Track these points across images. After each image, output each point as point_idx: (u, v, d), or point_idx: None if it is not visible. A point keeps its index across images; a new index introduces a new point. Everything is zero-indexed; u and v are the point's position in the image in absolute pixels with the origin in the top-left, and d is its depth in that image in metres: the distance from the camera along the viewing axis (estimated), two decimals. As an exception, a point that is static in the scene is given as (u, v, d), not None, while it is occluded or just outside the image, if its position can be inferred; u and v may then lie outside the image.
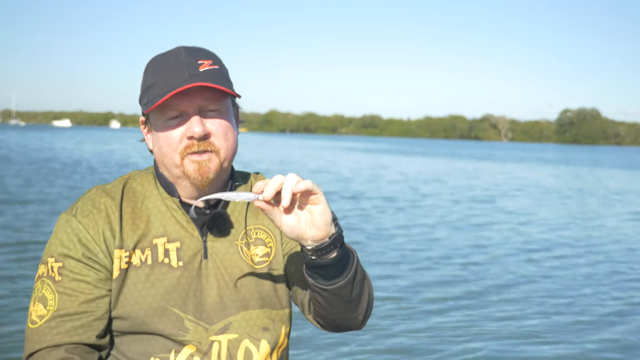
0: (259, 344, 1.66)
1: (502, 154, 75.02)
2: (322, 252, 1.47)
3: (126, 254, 1.61)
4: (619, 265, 10.01)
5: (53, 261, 1.61)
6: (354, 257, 1.56)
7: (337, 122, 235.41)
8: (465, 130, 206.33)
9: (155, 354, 1.59)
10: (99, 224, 1.61)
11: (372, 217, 14.62)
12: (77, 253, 1.59)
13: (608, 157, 76.41)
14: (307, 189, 1.41)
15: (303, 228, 1.45)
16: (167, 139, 1.61)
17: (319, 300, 1.59)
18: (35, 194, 15.86)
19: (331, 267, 1.50)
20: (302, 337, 5.77)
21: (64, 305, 1.57)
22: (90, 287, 1.59)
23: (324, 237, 1.46)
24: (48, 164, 26.84)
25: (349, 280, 1.53)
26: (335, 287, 1.53)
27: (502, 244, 11.62)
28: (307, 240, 1.46)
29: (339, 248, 1.49)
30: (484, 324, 6.66)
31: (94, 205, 1.64)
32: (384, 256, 10.04)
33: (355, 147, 78.08)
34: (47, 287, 1.59)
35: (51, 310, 1.57)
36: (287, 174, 1.41)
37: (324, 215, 1.44)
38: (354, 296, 1.58)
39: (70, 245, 1.60)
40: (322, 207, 1.44)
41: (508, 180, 29.59)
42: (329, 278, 1.52)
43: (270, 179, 1.43)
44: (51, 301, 1.58)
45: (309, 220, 1.45)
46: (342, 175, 28.04)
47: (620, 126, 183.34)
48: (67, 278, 1.58)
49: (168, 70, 1.59)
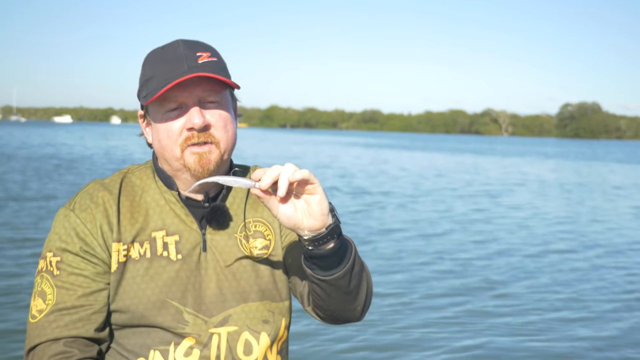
0: (258, 336, 1.66)
1: (502, 148, 75.00)
2: (319, 243, 1.47)
3: (124, 247, 1.62)
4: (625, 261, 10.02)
5: (51, 255, 1.61)
6: (351, 249, 1.56)
7: (338, 117, 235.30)
8: (465, 125, 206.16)
9: (154, 346, 1.60)
10: (97, 217, 1.61)
11: (373, 211, 14.63)
12: (75, 247, 1.60)
13: (610, 151, 76.34)
14: (304, 179, 1.41)
15: (300, 217, 1.45)
16: (167, 131, 1.61)
17: (317, 291, 1.59)
18: (35, 191, 15.88)
19: (328, 258, 1.50)
20: (301, 331, 5.78)
21: (62, 299, 1.57)
22: (88, 281, 1.59)
23: (321, 227, 1.46)
24: (51, 161, 26.86)
25: (347, 271, 1.54)
26: (333, 278, 1.53)
27: (504, 239, 11.62)
28: (304, 230, 1.46)
29: (336, 239, 1.49)
30: (484, 319, 6.67)
31: (91, 200, 1.64)
32: (385, 251, 10.06)
33: (356, 142, 78.06)
34: (46, 281, 1.60)
35: (50, 304, 1.58)
36: (285, 164, 1.42)
37: (321, 205, 1.44)
38: (352, 287, 1.59)
39: (68, 239, 1.61)
40: (319, 197, 1.44)
41: (509, 174, 29.59)
42: (327, 269, 1.52)
43: (268, 168, 1.43)
44: (50, 295, 1.58)
45: (305, 210, 1.45)
46: (344, 170, 28.05)
47: (621, 120, 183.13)
48: (65, 272, 1.59)
49: (167, 63, 1.59)
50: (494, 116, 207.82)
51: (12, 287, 7.03)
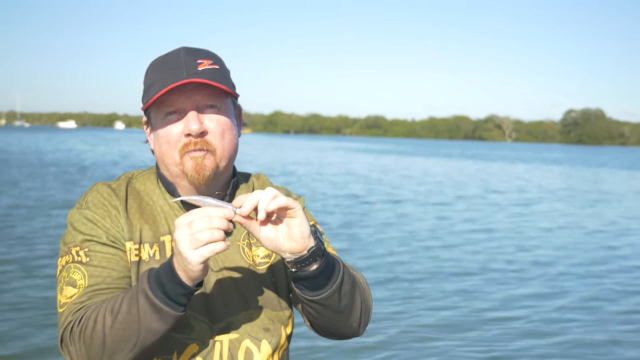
0: (259, 344, 1.66)
1: (505, 154, 74.85)
2: (301, 265, 1.48)
3: (136, 247, 1.62)
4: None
5: (77, 249, 1.60)
6: (339, 268, 1.55)
7: (341, 122, 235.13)
8: (469, 131, 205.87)
9: (158, 354, 1.59)
10: (112, 213, 1.62)
11: (377, 216, 14.62)
12: (102, 237, 1.60)
13: (614, 158, 76.10)
14: (282, 207, 1.42)
15: (281, 240, 1.46)
16: (166, 136, 1.61)
17: (309, 310, 1.60)
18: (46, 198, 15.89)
19: (314, 279, 1.51)
20: (302, 338, 5.77)
21: (95, 281, 1.56)
22: (120, 266, 1.59)
23: (302, 250, 1.47)
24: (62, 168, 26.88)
25: (334, 290, 1.53)
26: (321, 298, 1.53)
27: (510, 246, 11.60)
28: (286, 253, 1.47)
29: (319, 260, 1.49)
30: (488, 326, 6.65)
31: (103, 197, 1.65)
32: (385, 259, 10.05)
33: (360, 148, 78.02)
34: (74, 270, 1.57)
35: (82, 287, 1.55)
36: (265, 189, 1.42)
37: (301, 228, 1.45)
38: (342, 306, 1.58)
39: (92, 232, 1.60)
40: (299, 220, 1.45)
41: (513, 180, 29.55)
42: (314, 289, 1.52)
43: (250, 194, 1.43)
44: (80, 281, 1.56)
45: (286, 233, 1.46)
46: (353, 175, 28.04)
47: (625, 126, 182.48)
48: (95, 259, 1.58)
49: (167, 69, 1.60)
50: (497, 122, 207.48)
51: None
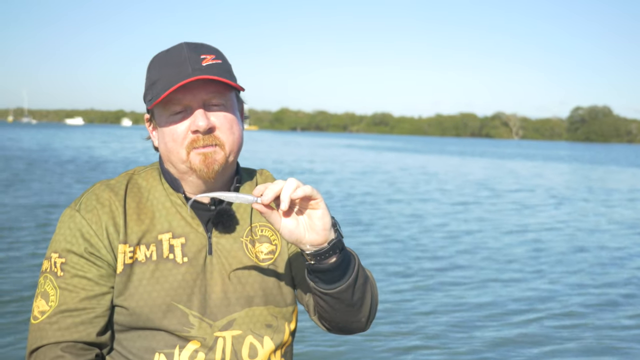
0: (262, 340, 1.66)
1: (511, 151, 74.60)
2: (321, 257, 1.48)
3: (130, 249, 1.61)
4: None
5: (57, 257, 1.61)
6: (354, 262, 1.56)
7: (348, 120, 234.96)
8: (476, 128, 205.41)
9: (159, 349, 1.59)
10: (103, 219, 1.61)
11: (386, 215, 14.60)
12: (80, 248, 1.59)
13: (625, 155, 75.73)
14: (306, 195, 1.41)
15: (302, 232, 1.46)
16: (172, 134, 1.60)
17: (321, 303, 1.60)
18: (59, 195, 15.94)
19: (331, 272, 1.50)
20: (306, 335, 5.77)
21: (65, 301, 1.57)
22: (92, 284, 1.59)
23: (323, 242, 1.46)
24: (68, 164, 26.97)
25: (350, 284, 1.54)
26: (336, 291, 1.53)
27: (521, 247, 11.57)
28: (306, 245, 1.47)
29: (338, 253, 1.49)
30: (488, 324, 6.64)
31: (97, 200, 1.63)
32: (387, 258, 10.03)
33: (367, 145, 77.91)
34: (49, 282, 1.59)
35: (53, 305, 1.57)
36: (287, 179, 1.42)
37: (323, 220, 1.44)
38: (355, 300, 1.59)
39: (73, 240, 1.60)
40: (321, 212, 1.44)
41: (522, 179, 29.46)
42: (329, 282, 1.52)
43: (271, 182, 1.43)
44: (53, 297, 1.58)
45: (307, 225, 1.46)
46: (357, 173, 28.01)
47: (632, 124, 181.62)
48: (68, 274, 1.58)
49: (171, 66, 1.59)
50: (504, 119, 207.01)
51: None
